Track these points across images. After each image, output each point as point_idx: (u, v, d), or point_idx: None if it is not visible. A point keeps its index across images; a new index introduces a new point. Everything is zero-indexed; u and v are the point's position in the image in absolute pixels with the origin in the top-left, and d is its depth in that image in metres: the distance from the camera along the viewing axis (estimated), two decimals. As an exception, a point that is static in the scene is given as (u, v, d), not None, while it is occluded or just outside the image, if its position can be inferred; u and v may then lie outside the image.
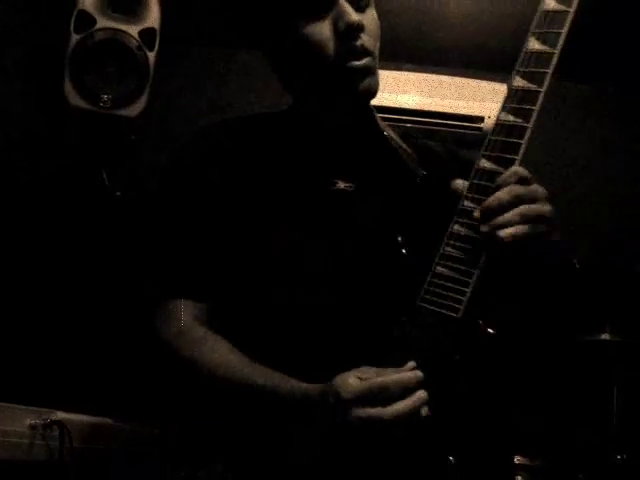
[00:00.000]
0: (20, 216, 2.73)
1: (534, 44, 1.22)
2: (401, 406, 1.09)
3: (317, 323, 1.26)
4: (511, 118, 1.20)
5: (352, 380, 1.12)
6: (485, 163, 1.21)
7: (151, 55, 2.61)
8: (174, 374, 1.34)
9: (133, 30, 2.59)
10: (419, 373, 1.13)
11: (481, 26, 2.97)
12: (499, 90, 3.02)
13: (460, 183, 1.23)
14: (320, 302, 1.27)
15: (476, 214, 1.18)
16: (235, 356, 1.26)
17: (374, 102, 1.43)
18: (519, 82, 1.22)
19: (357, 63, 1.30)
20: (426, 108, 2.99)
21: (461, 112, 3.00)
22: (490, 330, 1.19)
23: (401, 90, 2.97)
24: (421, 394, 1.12)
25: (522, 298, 1.33)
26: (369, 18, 1.34)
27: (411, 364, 1.15)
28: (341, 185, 1.37)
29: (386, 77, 3.04)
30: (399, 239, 1.26)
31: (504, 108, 1.22)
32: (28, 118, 2.80)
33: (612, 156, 3.14)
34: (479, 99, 3.00)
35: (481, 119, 2.97)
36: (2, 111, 2.63)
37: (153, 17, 2.62)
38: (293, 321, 1.27)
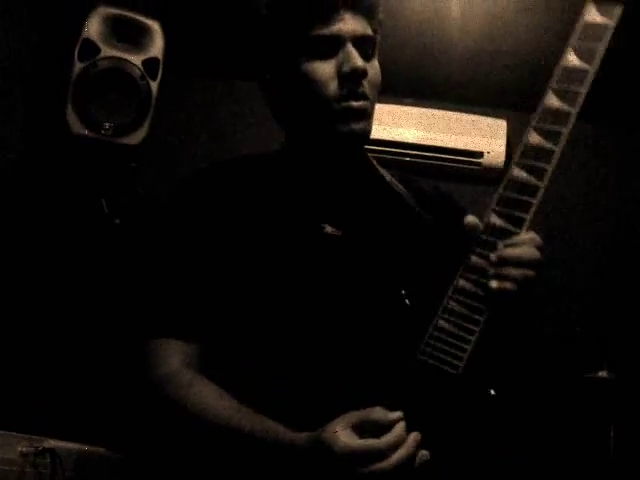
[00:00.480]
0: (19, 242, 2.73)
1: (553, 101, 1.18)
2: (400, 455, 1.10)
3: (309, 370, 1.24)
4: (524, 175, 1.18)
5: (342, 436, 1.11)
6: (496, 220, 1.19)
7: (154, 84, 2.64)
8: (161, 417, 1.32)
9: (137, 59, 2.62)
10: (403, 424, 1.12)
11: (481, 62, 2.99)
12: (498, 126, 3.04)
13: (472, 220, 1.21)
14: (311, 349, 1.26)
15: (492, 257, 1.18)
16: (224, 401, 1.24)
17: (374, 135, 1.43)
18: (534, 139, 1.18)
19: (355, 104, 1.32)
20: (425, 142, 3.01)
21: (460, 147, 3.02)
22: (491, 391, 1.18)
23: (401, 124, 2.99)
24: (413, 438, 1.12)
25: (520, 358, 1.33)
26: (373, 68, 1.36)
27: (397, 414, 1.13)
28: (328, 230, 1.36)
29: (386, 111, 3.09)
30: (396, 288, 1.26)
31: (517, 164, 1.19)
32: (29, 144, 2.81)
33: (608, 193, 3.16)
34: (478, 134, 3.02)
35: (480, 154, 2.99)
36: (3, 137, 2.64)
37: (157, 47, 2.65)
38: (285, 367, 1.26)
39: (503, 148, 3.01)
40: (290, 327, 1.28)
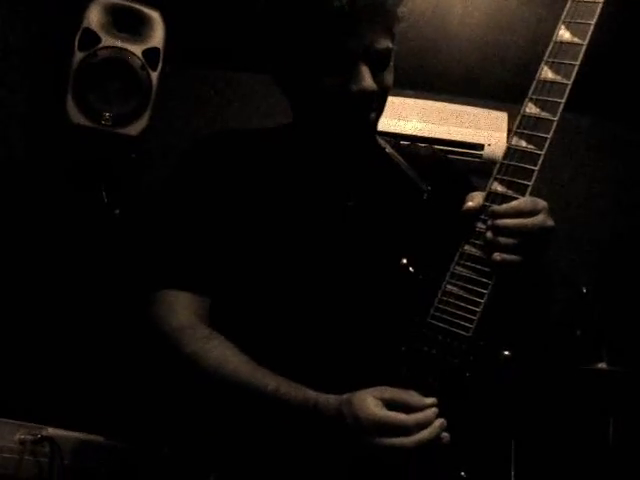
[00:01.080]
0: (18, 232, 2.72)
1: (547, 73, 1.23)
2: (423, 435, 1.11)
3: (321, 334, 1.25)
4: (524, 144, 1.22)
5: (371, 404, 1.12)
6: (498, 187, 1.23)
7: (154, 75, 2.63)
8: (172, 371, 1.30)
9: (137, 49, 2.61)
10: (435, 410, 1.14)
11: (482, 55, 2.98)
12: (499, 118, 3.03)
13: (474, 194, 1.25)
14: (324, 315, 1.26)
15: (489, 235, 1.20)
16: (243, 357, 1.23)
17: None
18: (532, 109, 1.23)
19: (360, 118, 1.33)
20: (426, 135, 3.00)
21: (461, 139, 3.01)
22: (506, 352, 1.20)
23: (402, 116, 2.99)
24: (441, 423, 1.13)
25: (531, 319, 1.35)
26: (385, 79, 1.33)
27: (432, 400, 1.15)
28: (342, 200, 1.37)
29: (387, 103, 3.07)
30: (402, 254, 1.27)
31: (516, 133, 1.23)
32: (29, 134, 2.80)
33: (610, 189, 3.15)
34: (479, 127, 3.01)
35: (481, 146, 2.98)
36: (2, 127, 2.63)
37: (157, 37, 2.64)
38: (294, 332, 1.26)
39: (504, 141, 3.00)
40: (298, 293, 1.28)
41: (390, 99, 1.39)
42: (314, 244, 1.32)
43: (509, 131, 3.03)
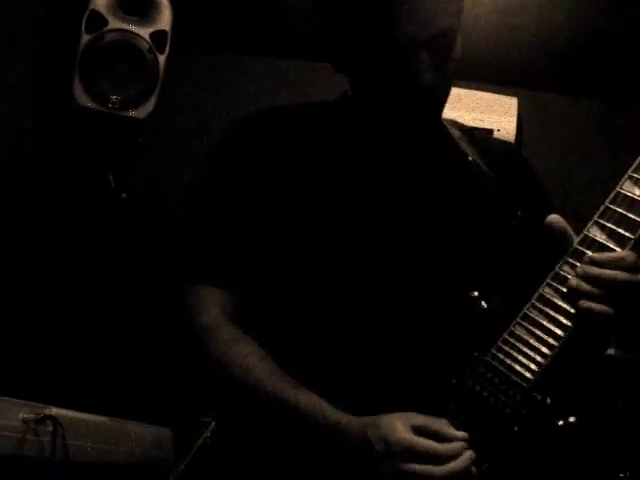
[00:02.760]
0: (25, 217, 2.72)
1: None
2: (454, 466, 1.05)
3: (368, 345, 1.17)
4: (637, 192, 1.10)
5: (401, 428, 1.06)
6: (597, 232, 1.11)
7: (162, 58, 2.62)
8: (201, 367, 1.26)
9: (144, 32, 2.60)
10: (465, 444, 1.07)
11: (492, 39, 2.96)
12: (509, 103, 3.00)
13: (555, 218, 1.14)
14: (374, 324, 1.17)
15: (575, 282, 1.09)
16: (268, 364, 1.17)
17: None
18: None
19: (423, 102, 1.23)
20: (436, 120, 2.97)
21: (470, 124, 2.96)
22: (571, 419, 1.10)
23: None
24: (470, 454, 1.06)
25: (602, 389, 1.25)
26: (446, 70, 1.25)
27: (463, 434, 1.08)
28: (399, 175, 1.28)
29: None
30: (472, 284, 1.18)
31: (630, 178, 1.11)
32: (36, 116, 2.79)
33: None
34: (489, 111, 2.98)
35: (490, 132, 2.95)
36: (9, 110, 2.63)
37: (165, 20, 2.63)
38: (344, 338, 1.18)
39: (514, 125, 2.96)
40: (345, 294, 1.20)
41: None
42: (367, 238, 1.22)
43: (519, 116, 2.99)
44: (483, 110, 2.98)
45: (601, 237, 1.10)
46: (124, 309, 2.59)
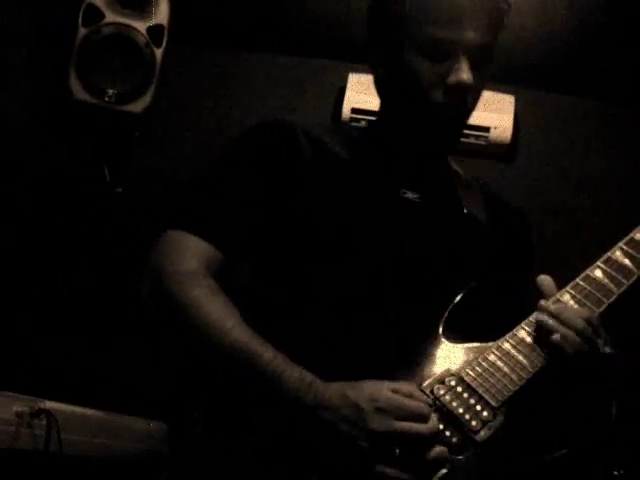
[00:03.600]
0: (21, 210, 2.72)
1: None
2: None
3: (354, 335, 1.21)
4: (626, 262, 1.23)
5: (386, 389, 1.11)
6: (574, 291, 1.23)
7: (158, 52, 2.62)
8: (171, 316, 1.22)
9: (141, 26, 2.60)
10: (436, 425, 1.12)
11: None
12: (506, 101, 3.00)
13: (544, 279, 1.24)
14: (366, 301, 1.24)
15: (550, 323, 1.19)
16: (243, 322, 1.17)
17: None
18: None
19: (450, 108, 1.30)
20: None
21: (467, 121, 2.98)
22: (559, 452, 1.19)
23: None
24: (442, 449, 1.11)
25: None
26: (481, 78, 1.31)
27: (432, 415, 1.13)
28: (409, 195, 1.35)
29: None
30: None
31: (621, 249, 1.25)
32: (32, 110, 2.79)
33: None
34: (486, 109, 2.97)
35: (487, 129, 2.95)
36: (5, 104, 2.62)
37: (162, 14, 2.63)
38: (328, 326, 1.22)
39: (510, 123, 2.97)
40: (353, 286, 1.24)
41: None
42: (377, 235, 1.29)
43: (516, 114, 3.00)
44: (479, 107, 2.97)
45: (579, 296, 1.22)
46: (119, 302, 2.58)
